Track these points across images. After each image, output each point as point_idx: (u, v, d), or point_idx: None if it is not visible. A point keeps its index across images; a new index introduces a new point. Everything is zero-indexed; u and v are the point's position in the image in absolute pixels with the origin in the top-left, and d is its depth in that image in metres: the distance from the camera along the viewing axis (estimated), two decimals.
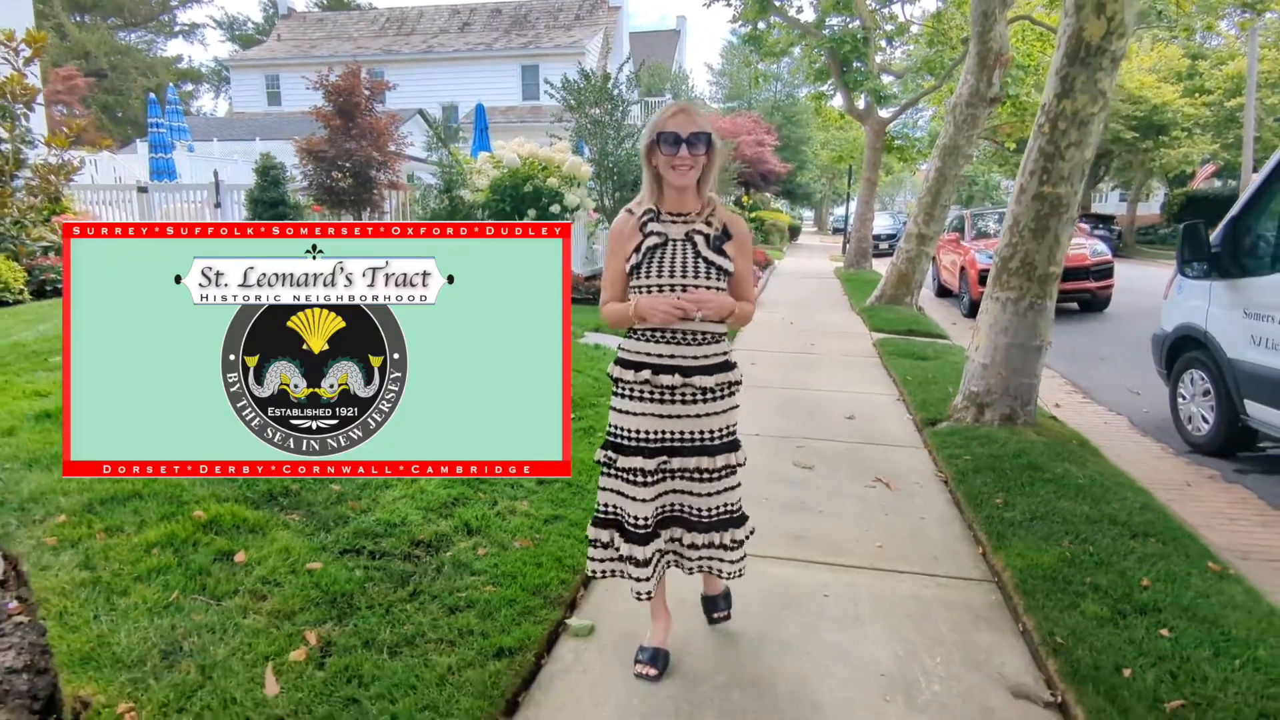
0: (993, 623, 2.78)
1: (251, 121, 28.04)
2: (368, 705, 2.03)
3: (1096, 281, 11.35)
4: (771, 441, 4.84)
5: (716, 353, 2.24)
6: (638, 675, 2.32)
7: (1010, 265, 4.78)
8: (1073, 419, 5.92)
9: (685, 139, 2.11)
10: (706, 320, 2.17)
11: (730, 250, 2.22)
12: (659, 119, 2.17)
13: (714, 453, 2.25)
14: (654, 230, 2.21)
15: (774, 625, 2.70)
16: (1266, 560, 3.69)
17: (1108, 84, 4.42)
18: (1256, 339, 4.64)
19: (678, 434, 2.22)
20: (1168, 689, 2.22)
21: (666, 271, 2.16)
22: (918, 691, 2.36)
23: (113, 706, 1.96)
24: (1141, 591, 2.78)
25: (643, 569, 2.26)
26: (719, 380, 2.23)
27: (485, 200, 9.00)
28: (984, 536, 3.38)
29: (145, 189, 11.39)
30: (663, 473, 2.25)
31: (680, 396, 2.21)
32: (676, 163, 2.13)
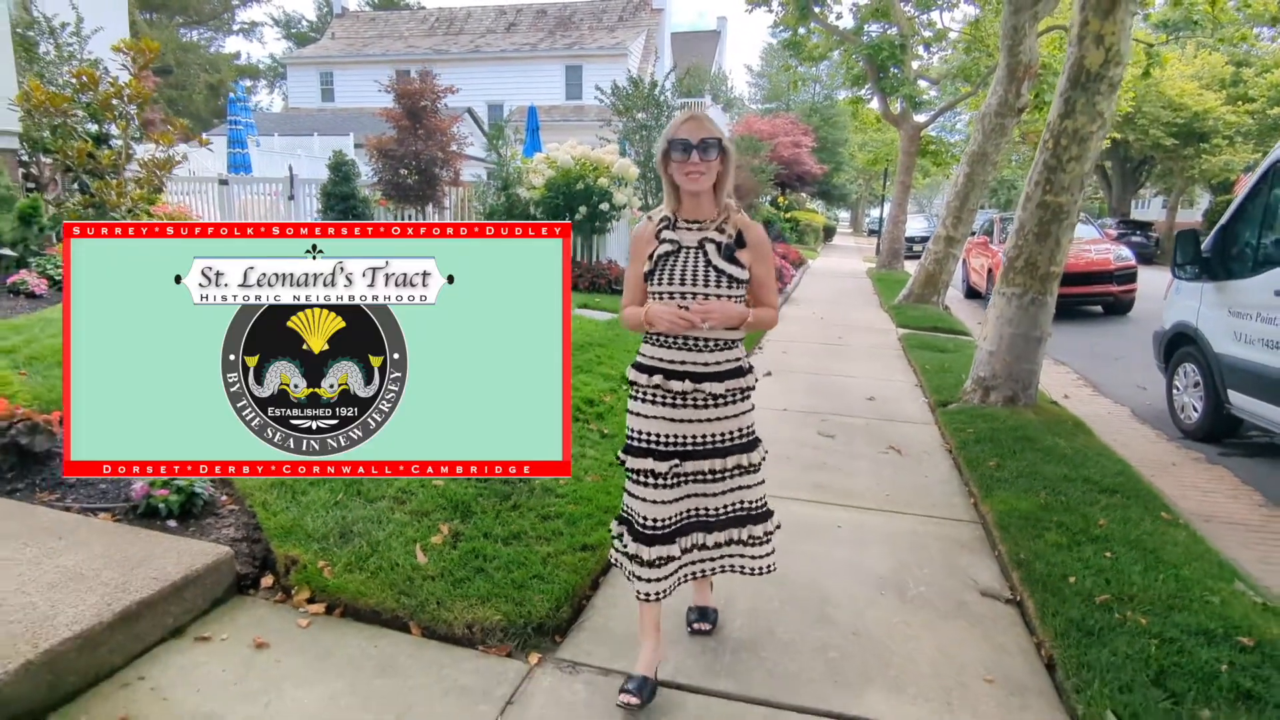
0: (973, 549, 3.44)
1: (308, 117, 29.22)
2: (492, 573, 2.76)
3: (1119, 285, 11.79)
4: (799, 415, 5.52)
5: (728, 359, 2.25)
6: (620, 705, 2.20)
7: (1016, 264, 5.39)
8: (1078, 408, 6.48)
9: (696, 145, 2.14)
10: (714, 329, 2.19)
11: (745, 258, 2.23)
12: (671, 127, 2.23)
13: (725, 454, 2.28)
14: (668, 238, 2.24)
15: (795, 544, 3.38)
16: (1226, 524, 4.28)
17: (1105, 106, 5.02)
18: (1238, 335, 5.19)
19: (689, 438, 2.25)
20: (1099, 589, 2.86)
21: (678, 279, 2.19)
22: (906, 589, 3.04)
23: (313, 563, 2.73)
24: (1097, 528, 3.42)
25: (648, 569, 2.26)
26: (730, 386, 2.24)
27: (541, 198, 9.76)
28: (975, 490, 4.04)
29: (225, 182, 12.34)
30: (677, 477, 2.27)
31: (691, 401, 2.23)
32: (689, 169, 2.16)
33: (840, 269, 20.00)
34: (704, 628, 2.64)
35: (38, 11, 10.28)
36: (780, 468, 4.39)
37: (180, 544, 2.65)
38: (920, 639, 2.69)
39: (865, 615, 2.84)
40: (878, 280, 16.00)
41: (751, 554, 2.41)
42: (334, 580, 2.66)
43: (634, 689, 2.21)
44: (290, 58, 36.24)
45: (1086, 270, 11.75)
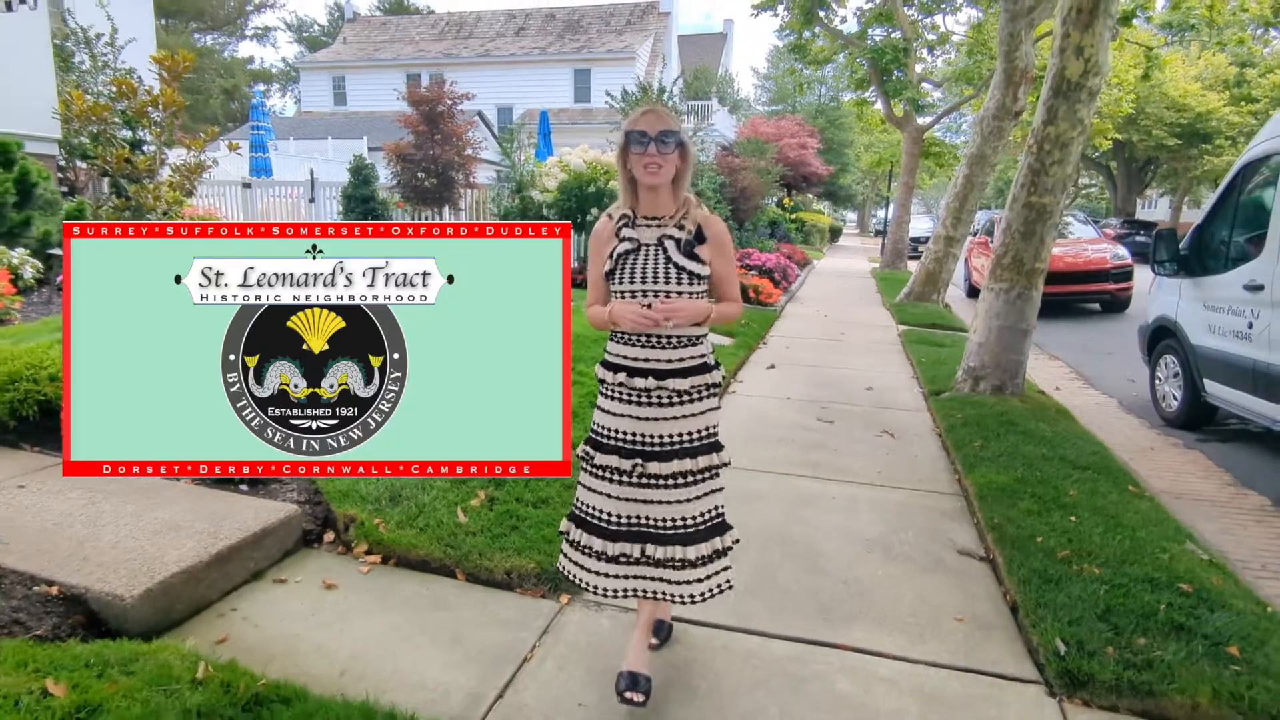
0: (954, 517, 3.82)
1: (321, 121, 29.74)
2: (525, 530, 3.15)
3: (1116, 284, 12.11)
4: (800, 403, 5.89)
5: (693, 355, 2.24)
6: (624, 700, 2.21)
7: (1004, 262, 5.75)
8: (1068, 399, 6.83)
9: (654, 137, 2.11)
10: (679, 327, 2.18)
11: (705, 253, 2.21)
12: (629, 120, 2.20)
13: (694, 454, 2.24)
14: (627, 236, 2.22)
15: (794, 512, 3.76)
16: (1193, 500, 4.63)
17: (1085, 113, 5.37)
18: (1213, 327, 5.54)
19: (655, 437, 2.22)
20: (1061, 547, 3.23)
21: (639, 278, 2.18)
22: (892, 548, 3.41)
23: (370, 520, 3.13)
24: (1066, 498, 3.79)
25: (605, 564, 2.27)
26: (694, 383, 2.23)
27: (554, 200, 10.16)
28: (960, 467, 4.41)
29: (249, 185, 12.79)
30: (641, 478, 2.23)
31: (656, 399, 2.22)
32: (646, 160, 2.12)
33: (845, 269, 20.34)
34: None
35: (74, 23, 10.73)
36: (782, 449, 4.77)
37: (255, 503, 3.05)
38: (901, 588, 3.07)
39: (854, 568, 3.21)
40: (881, 280, 16.34)
41: (724, 565, 2.32)
42: (389, 535, 3.06)
43: (628, 687, 2.21)
44: (303, 62, 36.81)
45: (1085, 269, 12.08)
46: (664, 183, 2.18)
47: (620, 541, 2.26)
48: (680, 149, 2.17)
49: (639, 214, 2.25)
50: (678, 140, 2.15)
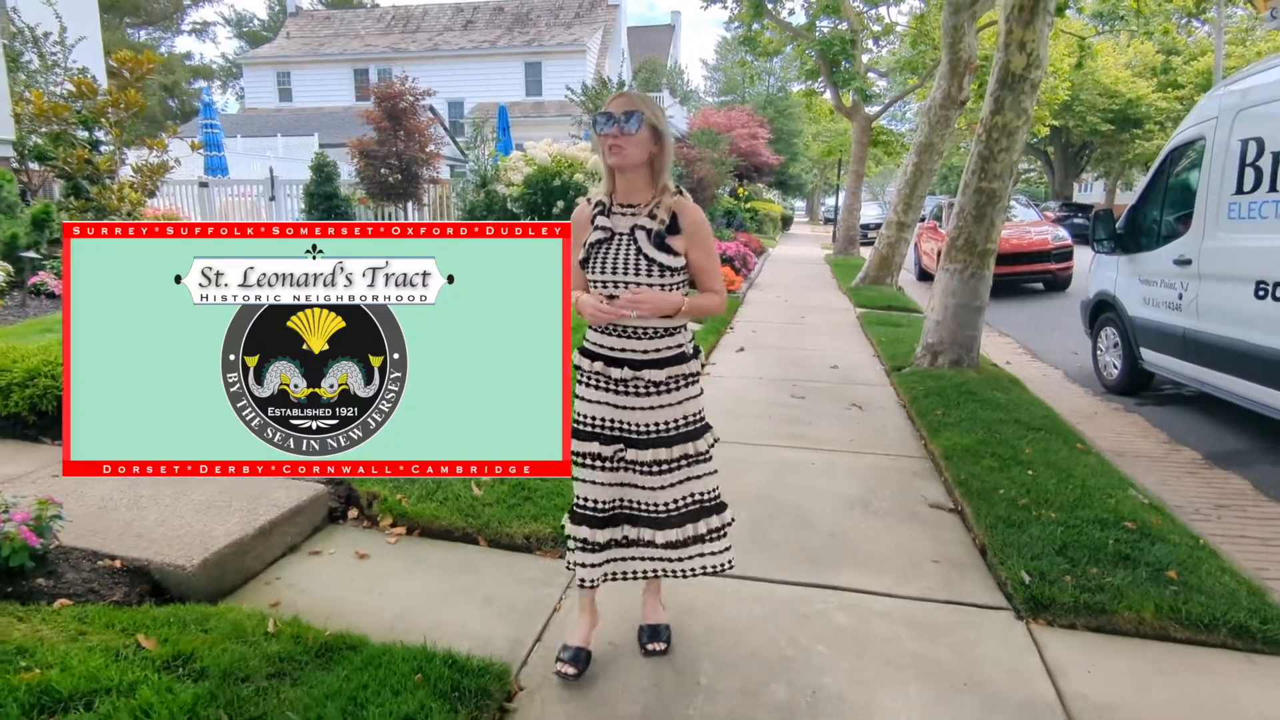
0: (923, 476, 4.17)
1: (268, 118, 29.19)
2: (538, 500, 3.39)
3: (1057, 264, 12.77)
4: (772, 382, 6.22)
5: (669, 346, 2.22)
6: (557, 674, 2.31)
7: (957, 243, 6.15)
8: (1017, 371, 7.27)
9: (618, 117, 2.11)
10: (644, 319, 2.17)
11: (680, 244, 2.18)
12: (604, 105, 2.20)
13: (669, 444, 2.25)
14: (601, 224, 2.21)
15: (778, 477, 4.07)
16: (1133, 457, 5.07)
17: (1029, 103, 5.79)
18: (1147, 299, 6.01)
19: (632, 425, 2.24)
20: (1021, 496, 3.60)
21: (608, 268, 2.17)
22: (870, 505, 3.75)
23: (392, 496, 3.34)
24: (1023, 456, 4.17)
25: (592, 553, 2.31)
26: (671, 373, 2.23)
27: (520, 194, 10.33)
28: (925, 433, 4.77)
29: (206, 184, 12.65)
30: (621, 462, 2.27)
31: (633, 389, 2.23)
32: (610, 140, 2.13)
33: (799, 256, 20.84)
34: (658, 647, 2.42)
35: (20, 21, 10.51)
36: (760, 423, 5.08)
37: (284, 482, 3.23)
38: (881, 537, 3.40)
39: (838, 523, 3.53)
40: (835, 265, 16.83)
41: (711, 550, 2.36)
42: (411, 508, 3.28)
43: (569, 658, 2.32)
44: (246, 58, 36.00)
45: (1028, 250, 12.70)
46: (630, 165, 2.16)
47: (608, 528, 2.31)
48: (653, 131, 2.15)
49: (615, 200, 2.24)
50: (644, 121, 2.13)
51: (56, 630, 2.13)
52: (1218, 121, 5.12)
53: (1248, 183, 4.75)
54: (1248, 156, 4.76)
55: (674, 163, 2.68)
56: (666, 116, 2.25)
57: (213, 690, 1.94)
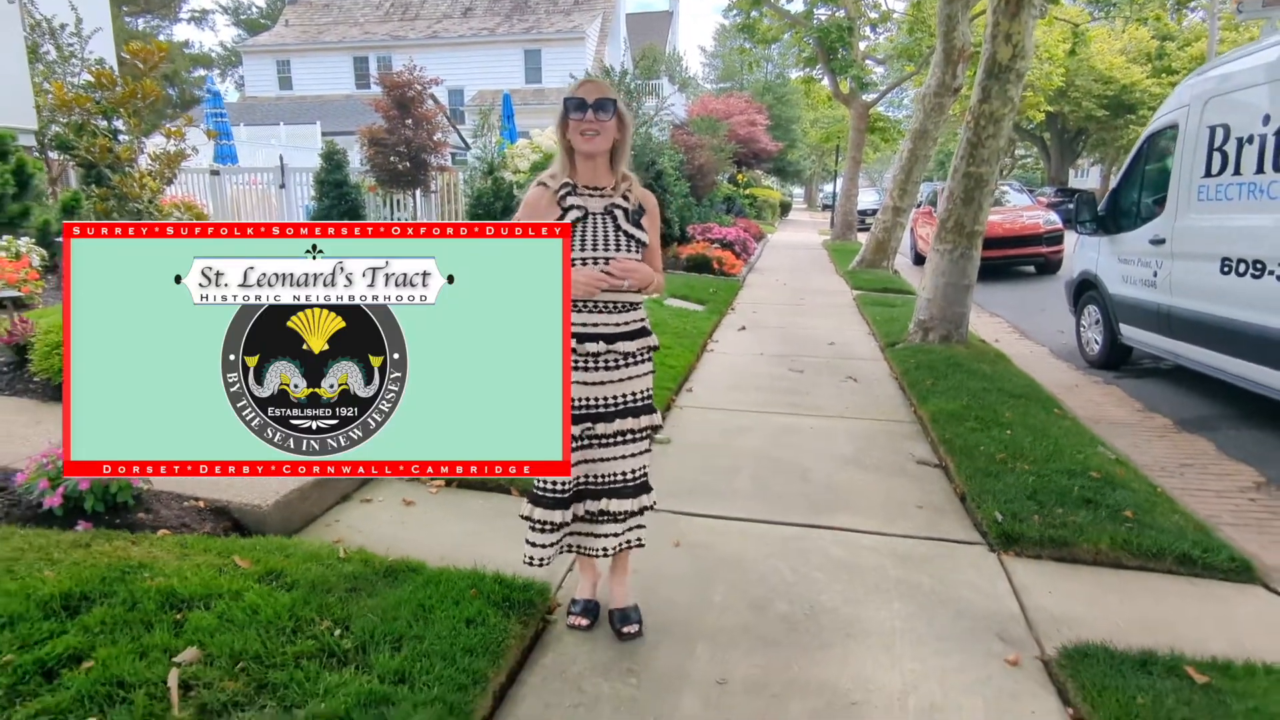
0: (911, 438, 4.54)
1: (270, 106, 29.38)
2: None
3: (1048, 247, 13.12)
4: (772, 358, 6.58)
5: (635, 319, 2.35)
6: (570, 626, 2.50)
7: (948, 225, 6.50)
8: (1005, 348, 7.64)
9: (591, 104, 2.18)
10: (631, 289, 2.28)
11: (645, 224, 2.34)
12: (568, 91, 2.27)
13: (637, 414, 2.37)
14: (574, 204, 2.27)
15: (780, 439, 4.44)
16: (1109, 423, 5.44)
17: (1014, 92, 6.12)
18: (1125, 278, 6.37)
19: (603, 400, 2.32)
20: (999, 452, 3.97)
21: (590, 245, 2.24)
22: (863, 462, 4.12)
23: None
24: (1003, 419, 4.54)
25: (549, 534, 2.38)
26: (639, 345, 2.34)
27: (526, 180, 10.64)
28: (914, 400, 5.14)
29: (217, 172, 12.94)
30: (587, 439, 2.33)
31: (604, 363, 2.30)
32: (584, 126, 2.20)
33: (797, 241, 21.18)
34: (632, 630, 2.48)
35: (39, 14, 10.77)
36: (761, 394, 5.45)
37: None
38: (873, 488, 3.77)
39: (834, 477, 3.90)
40: (833, 250, 17.18)
41: (642, 523, 2.47)
42: None
43: (580, 611, 2.52)
44: (246, 46, 36.10)
45: (1020, 234, 13.04)
46: (601, 151, 2.26)
47: (569, 508, 2.37)
48: (618, 119, 2.26)
49: (580, 184, 2.31)
50: (615, 109, 2.23)
51: (165, 552, 2.50)
52: (1189, 109, 5.46)
53: (1215, 166, 5.10)
54: (1215, 142, 5.10)
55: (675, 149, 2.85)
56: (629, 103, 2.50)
57: (304, 597, 2.31)
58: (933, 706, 2.17)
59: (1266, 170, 4.59)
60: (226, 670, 1.98)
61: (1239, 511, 3.88)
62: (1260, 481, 4.27)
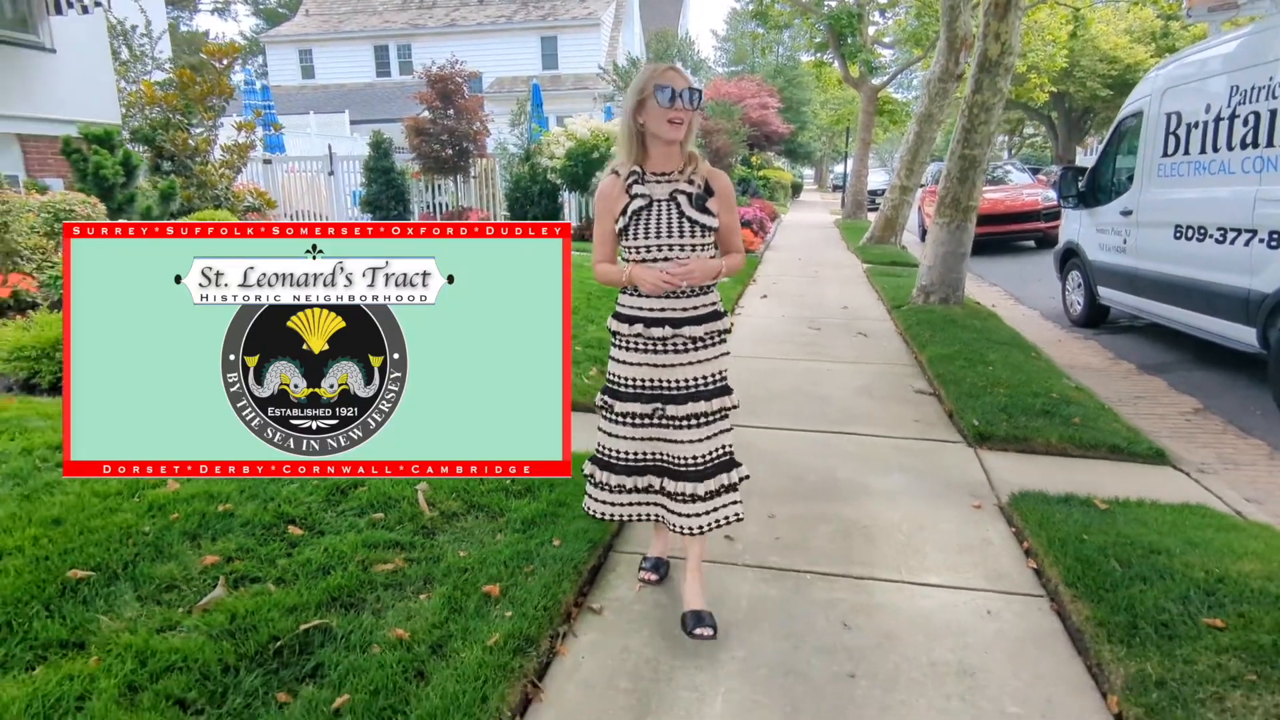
0: (912, 376, 5.53)
1: (295, 95, 30.35)
2: None
3: (1046, 223, 13.95)
4: (792, 319, 7.56)
5: (705, 303, 2.32)
6: (641, 581, 2.65)
7: (945, 201, 7.42)
8: (1001, 312, 8.56)
9: (681, 93, 2.16)
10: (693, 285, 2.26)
11: (714, 206, 2.28)
12: (650, 75, 2.22)
13: (709, 397, 2.34)
14: (638, 193, 2.25)
15: (803, 378, 5.42)
16: (1084, 370, 6.38)
17: (1003, 84, 7.02)
18: (1102, 245, 7.28)
19: (671, 382, 2.31)
20: (982, 382, 4.93)
21: (654, 233, 2.22)
22: (873, 392, 5.10)
23: None
24: (988, 360, 5.50)
25: (613, 494, 2.42)
26: (708, 329, 2.32)
27: (561, 166, 11.60)
28: (915, 348, 6.12)
29: (269, 161, 13.96)
30: (659, 419, 2.33)
31: (672, 346, 2.29)
32: (674, 115, 2.17)
33: (810, 221, 22.05)
34: (705, 633, 2.34)
35: (113, 17, 11.76)
36: (787, 346, 6.43)
37: None
38: (880, 411, 4.75)
39: (849, 403, 4.89)
40: (844, 228, 18.06)
41: (734, 499, 2.43)
42: None
43: (650, 567, 2.71)
44: (268, 36, 36.99)
45: (1020, 210, 13.90)
46: (681, 138, 2.25)
47: (637, 475, 2.41)
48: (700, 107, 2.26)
49: (648, 170, 2.29)
50: (701, 99, 2.23)
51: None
52: (1150, 98, 6.37)
53: (1170, 147, 6.01)
54: (1170, 126, 6.01)
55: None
56: None
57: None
58: (920, 527, 3.17)
59: (1208, 150, 5.51)
60: (448, 495, 3.00)
61: (1174, 429, 4.84)
62: (1198, 409, 5.22)
